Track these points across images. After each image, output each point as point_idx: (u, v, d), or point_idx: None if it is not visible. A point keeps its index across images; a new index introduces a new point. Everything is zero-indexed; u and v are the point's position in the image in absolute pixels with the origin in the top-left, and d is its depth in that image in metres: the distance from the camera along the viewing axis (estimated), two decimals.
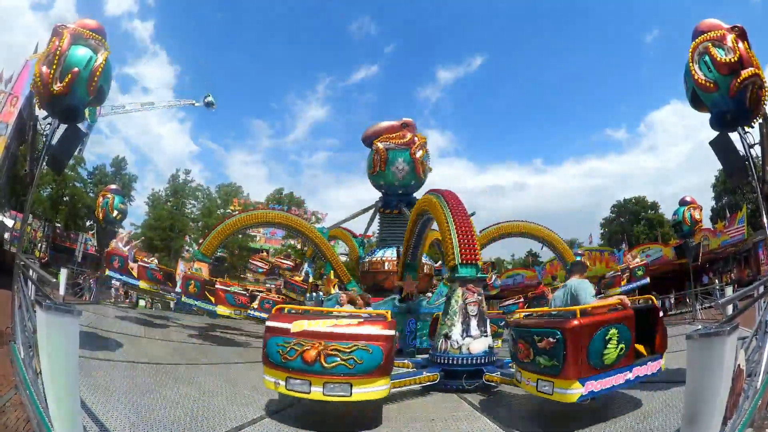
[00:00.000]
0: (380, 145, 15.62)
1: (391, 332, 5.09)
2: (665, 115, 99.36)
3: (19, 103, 18.71)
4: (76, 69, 6.13)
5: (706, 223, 26.67)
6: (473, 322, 7.44)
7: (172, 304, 26.03)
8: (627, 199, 50.96)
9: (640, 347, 5.30)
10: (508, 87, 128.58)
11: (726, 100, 5.99)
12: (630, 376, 4.90)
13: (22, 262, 5.57)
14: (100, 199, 17.02)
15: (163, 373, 7.10)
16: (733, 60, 5.85)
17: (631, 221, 49.14)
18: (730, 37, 6.00)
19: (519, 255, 54.00)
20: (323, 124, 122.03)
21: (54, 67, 6.07)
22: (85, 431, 3.74)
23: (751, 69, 5.75)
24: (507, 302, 16.69)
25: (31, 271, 5.38)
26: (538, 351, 4.85)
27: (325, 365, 4.70)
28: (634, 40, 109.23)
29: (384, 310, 6.98)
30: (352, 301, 7.20)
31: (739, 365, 3.43)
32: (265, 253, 35.76)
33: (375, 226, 18.21)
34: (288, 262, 23.04)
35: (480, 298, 7.60)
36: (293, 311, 5.76)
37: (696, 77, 6.17)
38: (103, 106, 35.36)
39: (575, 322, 4.60)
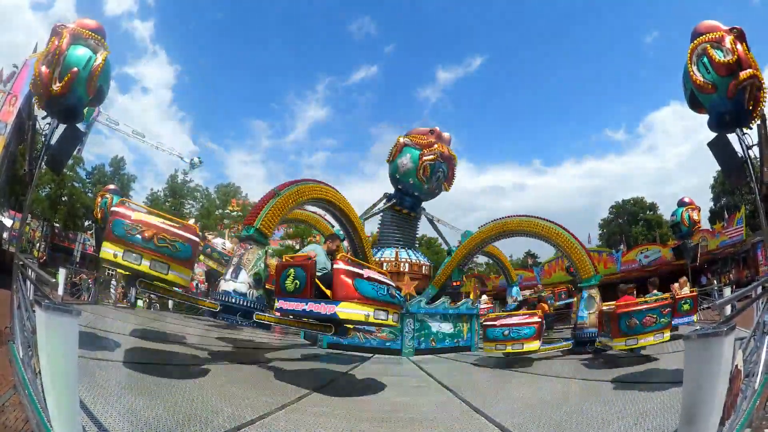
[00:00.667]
0: (401, 138, 16.15)
1: (195, 238, 6.88)
2: (664, 116, 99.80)
3: (18, 103, 18.68)
4: (75, 69, 6.12)
5: (705, 224, 26.73)
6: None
7: (170, 305, 25.99)
8: (626, 199, 51.18)
9: None
10: (508, 87, 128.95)
11: (724, 101, 6.01)
12: None
13: (21, 262, 5.57)
14: (99, 199, 16.99)
15: (162, 373, 7.09)
16: (731, 61, 5.86)
17: (630, 222, 49.25)
18: (728, 39, 6.01)
19: (517, 255, 54.09)
20: (323, 124, 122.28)
21: (53, 66, 6.07)
22: (84, 431, 3.73)
23: (750, 70, 5.76)
24: None
25: (29, 271, 5.38)
26: None
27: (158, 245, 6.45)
28: (633, 42, 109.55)
29: None
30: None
31: (737, 366, 3.44)
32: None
33: (374, 227, 18.16)
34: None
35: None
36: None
37: (694, 79, 6.18)
38: (99, 116, 35.40)
39: None
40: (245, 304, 9.08)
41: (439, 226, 18.91)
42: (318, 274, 6.66)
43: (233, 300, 9.03)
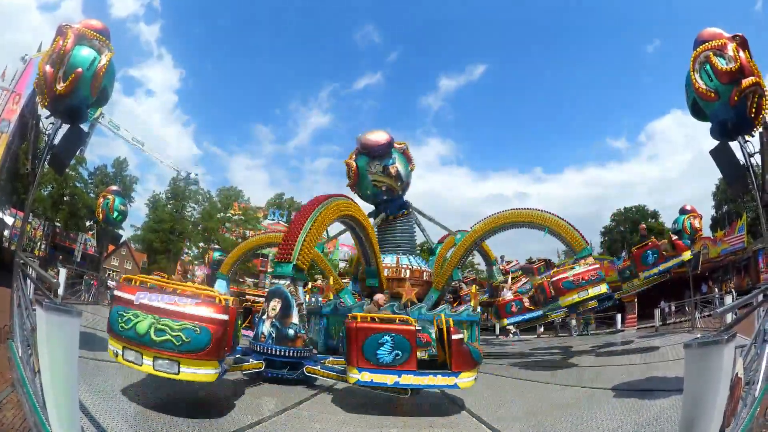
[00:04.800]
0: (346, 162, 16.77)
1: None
2: (666, 124, 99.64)
3: (22, 101, 18.73)
4: (79, 69, 6.12)
5: (706, 232, 26.67)
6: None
7: None
8: (627, 207, 50.95)
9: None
10: (510, 95, 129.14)
11: (727, 109, 6.00)
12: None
13: (22, 261, 5.58)
14: (101, 200, 17.03)
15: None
16: (734, 69, 5.85)
17: (632, 230, 49.11)
18: (731, 46, 6.01)
19: (522, 260, 53.86)
20: (325, 130, 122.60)
21: (58, 66, 6.08)
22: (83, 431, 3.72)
23: (752, 78, 5.76)
24: None
25: (30, 270, 5.38)
26: None
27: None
28: (635, 50, 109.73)
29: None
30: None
31: (737, 373, 3.42)
32: None
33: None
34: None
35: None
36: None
37: (697, 86, 6.18)
38: (101, 118, 35.42)
39: None
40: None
41: (429, 224, 18.82)
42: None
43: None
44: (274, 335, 7.84)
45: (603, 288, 10.93)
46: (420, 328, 6.75)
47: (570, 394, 7.42)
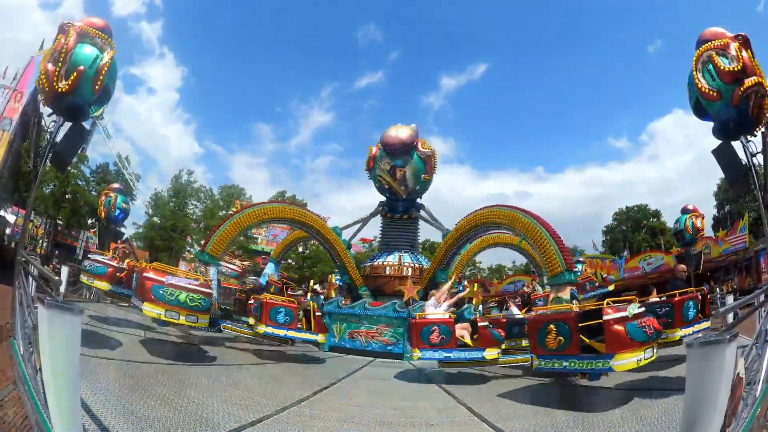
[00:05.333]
0: (372, 148, 16.33)
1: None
2: (667, 124, 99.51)
3: (24, 100, 18.77)
4: (81, 67, 6.13)
5: (708, 232, 26.62)
6: None
7: None
8: (629, 207, 50.98)
9: None
10: (511, 94, 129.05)
11: (729, 109, 5.99)
12: None
13: (24, 259, 5.59)
14: (103, 197, 17.06)
15: (162, 372, 7.09)
16: (736, 69, 5.85)
17: (633, 229, 49.11)
18: (733, 46, 6.00)
19: (520, 261, 53.94)
20: (327, 129, 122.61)
21: (59, 64, 6.09)
22: (84, 430, 3.73)
23: (755, 78, 5.75)
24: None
25: (31, 267, 5.39)
26: None
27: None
28: (637, 50, 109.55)
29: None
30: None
31: (738, 373, 3.42)
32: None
33: (377, 231, 18.14)
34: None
35: None
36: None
37: (699, 86, 6.17)
38: (100, 121, 35.26)
39: None
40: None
41: (434, 226, 18.80)
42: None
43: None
44: None
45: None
46: None
47: (571, 393, 7.42)
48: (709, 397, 3.16)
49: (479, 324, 8.47)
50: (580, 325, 6.05)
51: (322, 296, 16.01)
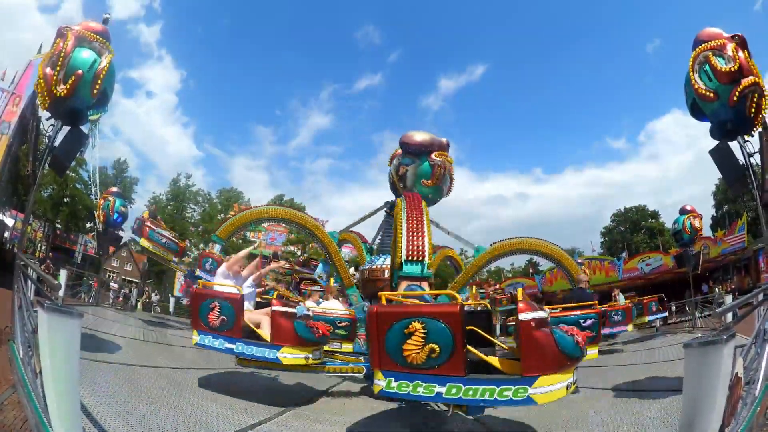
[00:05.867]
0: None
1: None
2: (665, 124, 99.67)
3: (22, 103, 18.75)
4: (79, 71, 6.13)
5: (706, 232, 26.65)
6: None
7: (171, 308, 26.04)
8: (627, 207, 51.03)
9: None
10: (509, 96, 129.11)
11: (726, 109, 6.00)
12: None
13: (23, 262, 5.58)
14: (101, 201, 17.05)
15: (162, 376, 7.09)
16: (733, 69, 5.86)
17: (632, 230, 49.14)
18: (730, 46, 6.02)
19: (519, 263, 54.01)
20: (326, 131, 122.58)
21: (58, 68, 6.09)
22: None
23: (751, 78, 5.76)
24: None
25: (31, 271, 5.39)
26: None
27: None
28: (635, 50, 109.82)
29: None
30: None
31: (737, 373, 3.43)
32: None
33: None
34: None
35: None
36: None
37: (696, 86, 6.18)
38: (95, 127, 35.17)
39: None
40: None
41: (439, 233, 18.81)
42: None
43: None
44: None
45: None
46: None
47: (571, 394, 7.42)
48: (707, 396, 3.17)
49: (273, 309, 6.19)
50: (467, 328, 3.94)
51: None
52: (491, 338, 4.38)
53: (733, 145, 6.28)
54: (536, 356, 3.80)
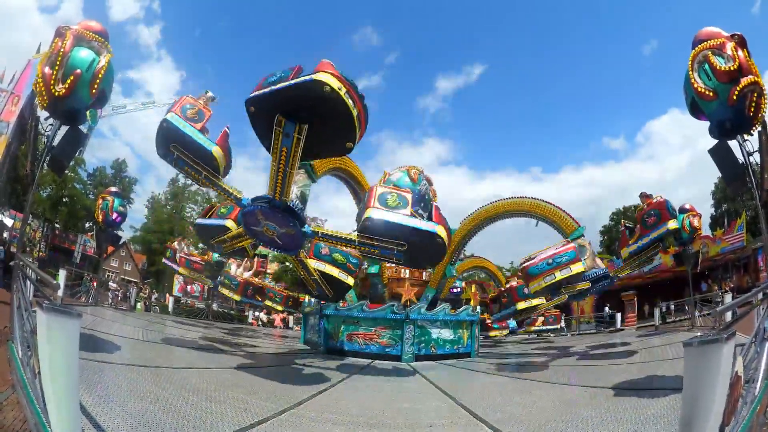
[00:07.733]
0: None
1: None
2: (663, 124, 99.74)
3: (21, 103, 18.70)
4: (78, 71, 6.12)
5: (706, 231, 26.67)
6: None
7: (170, 308, 26.05)
8: (626, 207, 50.99)
9: None
10: (507, 96, 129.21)
11: (725, 108, 6.01)
12: None
13: (21, 262, 5.57)
14: (100, 201, 17.04)
15: (162, 376, 7.08)
16: (732, 68, 5.86)
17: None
18: (729, 46, 6.02)
19: (518, 262, 53.92)
20: None
21: (56, 68, 6.07)
22: None
23: (751, 77, 5.77)
24: None
25: (29, 271, 5.38)
26: None
27: None
28: (633, 50, 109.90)
29: None
30: None
31: (737, 372, 3.43)
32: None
33: None
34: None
35: None
36: None
37: (695, 86, 6.19)
38: (103, 111, 35.02)
39: None
40: None
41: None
42: None
43: None
44: None
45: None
46: None
47: (570, 394, 7.43)
48: (706, 395, 3.17)
49: None
50: None
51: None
52: None
53: (733, 144, 6.29)
54: None
